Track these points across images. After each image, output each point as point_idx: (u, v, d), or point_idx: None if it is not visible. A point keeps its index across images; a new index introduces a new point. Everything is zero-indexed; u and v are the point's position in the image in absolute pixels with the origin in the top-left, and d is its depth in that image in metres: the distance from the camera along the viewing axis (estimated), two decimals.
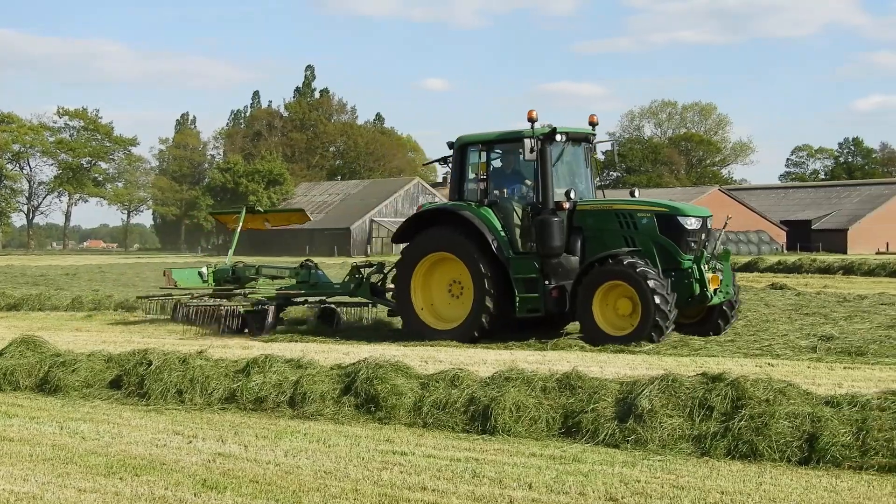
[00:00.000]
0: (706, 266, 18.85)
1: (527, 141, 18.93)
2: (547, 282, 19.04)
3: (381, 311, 22.93)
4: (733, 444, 9.92)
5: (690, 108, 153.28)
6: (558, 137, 19.38)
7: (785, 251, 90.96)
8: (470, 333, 19.23)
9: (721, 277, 19.22)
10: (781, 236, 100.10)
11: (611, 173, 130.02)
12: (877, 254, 76.18)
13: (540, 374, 12.14)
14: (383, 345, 18.94)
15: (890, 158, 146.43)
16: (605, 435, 10.59)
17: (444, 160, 21.39)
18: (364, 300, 22.87)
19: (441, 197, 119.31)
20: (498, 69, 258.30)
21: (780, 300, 28.16)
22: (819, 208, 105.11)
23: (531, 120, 19.23)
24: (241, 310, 21.89)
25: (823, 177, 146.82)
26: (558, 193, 19.42)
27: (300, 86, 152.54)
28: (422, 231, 20.37)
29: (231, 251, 26.81)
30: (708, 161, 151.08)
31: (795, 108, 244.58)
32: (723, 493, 8.59)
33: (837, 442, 9.53)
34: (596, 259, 18.50)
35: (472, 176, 20.34)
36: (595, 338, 18.16)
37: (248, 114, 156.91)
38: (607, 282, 18.23)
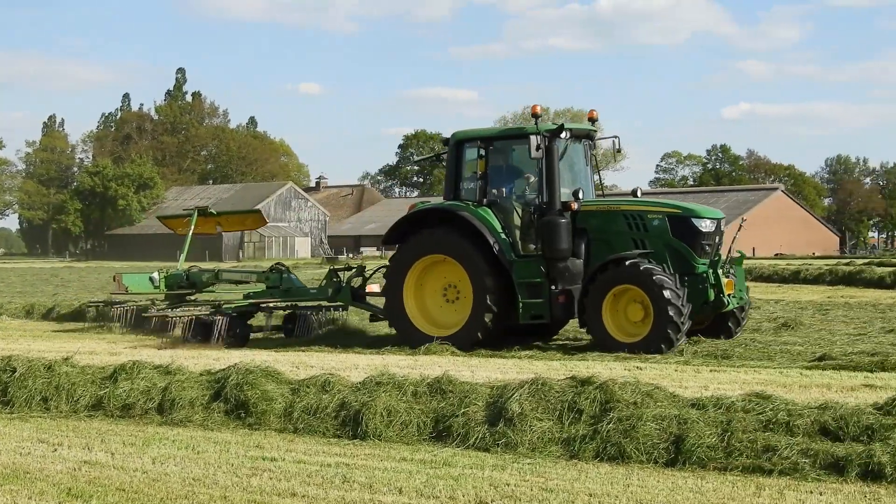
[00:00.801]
0: (721, 271, 18.27)
1: (533, 138, 17.98)
2: (553, 286, 18.21)
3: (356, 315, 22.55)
4: (601, 446, 10.01)
5: (562, 115, 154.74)
6: (564, 134, 18.55)
7: None
8: (470, 340, 18.31)
9: (735, 282, 18.76)
10: None
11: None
12: None
13: (411, 378, 12.14)
14: (254, 350, 18.80)
15: (756, 165, 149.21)
16: (476, 439, 10.59)
17: (437, 157, 20.68)
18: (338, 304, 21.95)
19: (314, 202, 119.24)
20: (372, 73, 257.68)
21: None
22: None
23: (535, 115, 18.49)
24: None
25: (692, 183, 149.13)
26: (564, 193, 18.62)
27: (171, 89, 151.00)
28: (414, 233, 19.29)
29: (183, 256, 25.92)
30: None
31: (665, 114, 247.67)
32: (591, 496, 8.66)
33: (703, 443, 9.67)
34: (610, 260, 17.69)
35: (468, 174, 19.35)
36: (605, 343, 17.46)
37: (118, 116, 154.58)
38: (619, 285, 17.48)
